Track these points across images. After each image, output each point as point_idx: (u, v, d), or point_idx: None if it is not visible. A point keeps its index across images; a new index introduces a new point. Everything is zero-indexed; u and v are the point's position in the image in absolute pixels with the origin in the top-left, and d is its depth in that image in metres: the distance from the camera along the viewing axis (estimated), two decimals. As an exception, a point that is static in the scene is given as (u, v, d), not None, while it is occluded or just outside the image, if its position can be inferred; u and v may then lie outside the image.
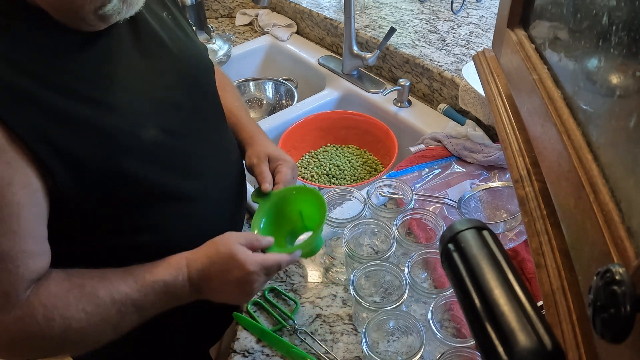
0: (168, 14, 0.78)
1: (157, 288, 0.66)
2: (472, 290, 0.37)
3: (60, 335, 0.60)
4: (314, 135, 1.27)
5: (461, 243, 0.40)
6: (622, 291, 0.26)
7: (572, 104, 0.43)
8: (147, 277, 0.66)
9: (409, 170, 1.07)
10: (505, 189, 0.94)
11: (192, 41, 0.80)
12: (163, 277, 0.66)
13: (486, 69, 0.69)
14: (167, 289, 0.67)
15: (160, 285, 0.66)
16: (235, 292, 0.70)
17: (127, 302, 0.64)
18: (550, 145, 0.44)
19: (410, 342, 0.74)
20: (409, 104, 1.27)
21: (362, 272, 0.77)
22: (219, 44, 1.52)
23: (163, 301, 0.67)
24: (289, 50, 1.58)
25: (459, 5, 1.47)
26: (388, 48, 1.32)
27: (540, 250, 0.43)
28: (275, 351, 0.78)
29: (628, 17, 0.34)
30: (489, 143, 1.09)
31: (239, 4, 1.80)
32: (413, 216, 0.88)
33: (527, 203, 0.48)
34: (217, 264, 0.68)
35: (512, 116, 0.58)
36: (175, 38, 0.76)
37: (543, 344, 0.32)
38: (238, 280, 0.68)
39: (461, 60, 1.24)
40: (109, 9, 0.59)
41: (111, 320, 0.63)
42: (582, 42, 0.43)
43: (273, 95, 1.53)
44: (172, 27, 0.77)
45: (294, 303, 0.84)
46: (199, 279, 0.68)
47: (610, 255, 0.30)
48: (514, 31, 0.61)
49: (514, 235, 0.90)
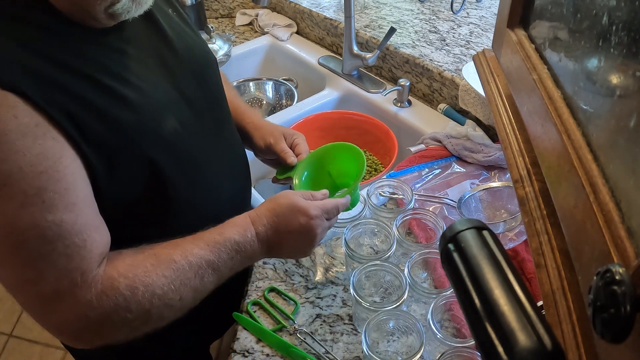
0: (173, 11, 0.80)
1: (229, 246, 0.67)
2: (472, 290, 0.37)
3: (146, 303, 0.60)
4: (314, 135, 1.27)
5: (461, 243, 0.40)
6: (622, 291, 0.26)
7: (572, 104, 0.43)
8: (217, 238, 0.67)
9: (409, 170, 1.07)
10: (505, 189, 0.94)
11: (199, 38, 0.82)
12: (232, 235, 0.68)
13: (486, 69, 0.69)
14: (239, 247, 0.68)
15: (232, 243, 0.67)
16: (301, 241, 0.72)
17: (202, 263, 0.64)
18: (550, 145, 0.44)
19: (410, 342, 0.74)
20: (409, 104, 1.27)
21: (362, 272, 0.77)
22: (219, 44, 1.52)
23: (236, 260, 0.68)
24: (289, 50, 1.58)
25: (459, 5, 1.47)
26: (388, 48, 1.32)
27: (540, 250, 0.43)
28: (275, 351, 0.78)
29: (628, 17, 0.34)
30: (489, 143, 1.09)
31: (239, 4, 1.80)
32: (413, 216, 0.88)
33: (527, 203, 0.48)
34: (281, 215, 0.71)
35: (512, 116, 0.58)
36: (183, 35, 0.77)
37: (543, 344, 0.32)
38: (303, 227, 0.70)
39: (461, 60, 1.24)
40: (118, 7, 0.61)
41: (191, 283, 0.64)
42: (582, 42, 0.43)
43: (273, 95, 1.53)
44: (180, 24, 0.79)
45: (294, 303, 0.84)
46: (267, 234, 0.70)
47: (610, 255, 0.30)
48: (514, 31, 0.61)
49: (514, 235, 0.90)
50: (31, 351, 1.88)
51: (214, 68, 0.83)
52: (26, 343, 1.91)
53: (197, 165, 0.75)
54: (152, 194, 0.69)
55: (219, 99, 0.84)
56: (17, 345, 1.91)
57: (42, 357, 1.87)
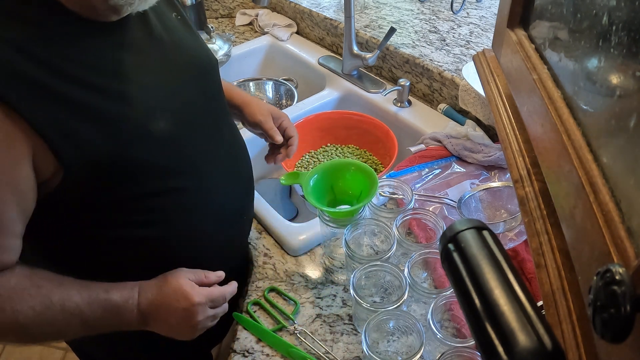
0: (177, 15, 0.80)
1: (107, 307, 0.68)
2: (472, 290, 0.37)
3: (6, 324, 0.62)
4: (314, 135, 1.27)
5: (461, 243, 0.39)
6: (622, 291, 0.26)
7: (572, 104, 0.43)
8: (100, 294, 0.68)
9: (409, 170, 1.07)
10: (505, 189, 0.94)
11: (201, 41, 0.82)
12: (115, 297, 0.69)
13: (486, 69, 0.69)
14: (118, 310, 0.69)
15: (112, 305, 0.68)
16: (181, 324, 0.72)
17: (75, 312, 0.65)
18: (550, 145, 0.44)
19: (410, 342, 0.74)
20: (409, 104, 1.27)
21: (362, 272, 0.77)
22: (219, 44, 1.52)
23: (109, 320, 0.69)
24: (289, 50, 1.58)
25: (459, 5, 1.47)
26: (388, 48, 1.32)
27: (540, 250, 0.43)
28: (275, 351, 0.78)
29: (628, 17, 0.34)
30: (489, 143, 1.09)
31: (239, 4, 1.80)
32: (413, 216, 0.88)
33: (527, 203, 0.48)
34: (164, 294, 0.71)
35: (512, 116, 0.58)
36: (186, 37, 0.78)
37: (543, 344, 0.32)
38: (183, 311, 0.71)
39: (461, 60, 1.24)
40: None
41: (56, 325, 0.65)
42: (582, 42, 0.43)
43: (273, 95, 1.53)
44: (182, 27, 0.79)
45: (294, 303, 0.84)
46: (148, 307, 0.70)
47: (610, 255, 0.30)
48: (514, 31, 0.61)
49: (514, 235, 0.90)
50: (31, 351, 1.88)
51: (215, 72, 0.83)
52: (26, 343, 1.91)
53: (193, 166, 0.75)
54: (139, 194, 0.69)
55: (219, 103, 0.84)
56: (17, 345, 1.91)
57: (42, 357, 1.86)
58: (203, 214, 0.77)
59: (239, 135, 0.89)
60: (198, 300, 0.71)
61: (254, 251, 0.95)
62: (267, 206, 1.02)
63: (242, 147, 0.89)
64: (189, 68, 0.76)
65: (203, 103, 0.77)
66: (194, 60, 0.77)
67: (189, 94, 0.75)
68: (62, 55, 0.60)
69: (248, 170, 0.90)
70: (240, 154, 0.88)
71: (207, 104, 0.78)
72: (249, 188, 0.91)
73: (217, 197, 0.79)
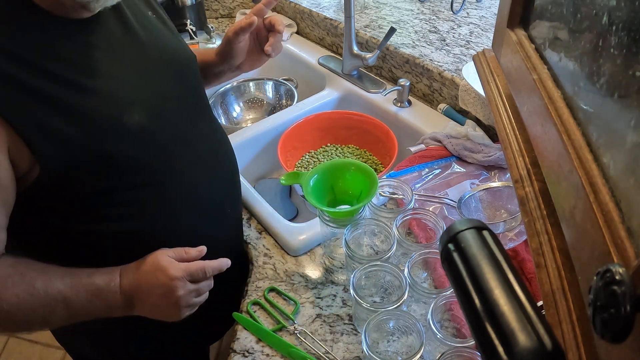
0: (153, 13, 0.80)
1: (90, 290, 0.68)
2: (472, 290, 0.37)
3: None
4: (314, 135, 1.27)
5: (461, 243, 0.39)
6: (622, 291, 0.26)
7: (572, 104, 0.43)
8: (83, 278, 0.68)
9: (409, 170, 1.07)
10: (505, 189, 0.94)
11: (179, 37, 0.84)
12: (97, 281, 0.69)
13: (486, 69, 0.69)
14: (100, 293, 0.69)
15: (93, 289, 0.68)
16: (163, 301, 0.71)
17: (58, 297, 0.66)
18: (550, 145, 0.44)
19: (410, 342, 0.74)
20: (409, 104, 1.27)
21: (362, 272, 0.77)
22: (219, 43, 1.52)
23: (93, 304, 0.69)
24: (289, 50, 1.58)
25: (459, 5, 1.47)
26: (388, 48, 1.32)
27: (540, 250, 0.43)
28: (275, 351, 0.78)
29: (628, 17, 0.34)
30: (489, 143, 1.09)
31: (239, 4, 1.80)
32: (413, 216, 0.88)
33: (527, 203, 0.48)
34: (142, 272, 0.71)
35: (512, 116, 0.58)
36: (163, 34, 0.79)
37: (543, 344, 0.32)
38: (162, 286, 0.70)
39: (461, 60, 1.24)
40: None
41: (39, 311, 0.65)
42: (582, 42, 0.43)
43: (273, 95, 1.53)
44: (158, 25, 0.80)
45: (294, 303, 0.84)
46: (129, 288, 0.70)
47: (610, 255, 0.30)
48: (514, 31, 0.61)
49: (514, 235, 0.90)
50: (31, 351, 1.88)
51: (193, 67, 0.84)
52: (26, 343, 1.91)
53: (170, 160, 0.75)
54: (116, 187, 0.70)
55: (198, 97, 0.85)
56: (17, 345, 1.91)
57: (42, 357, 1.87)
58: (181, 208, 0.78)
59: (220, 130, 0.89)
60: (175, 274, 0.70)
61: (254, 251, 0.95)
62: (267, 206, 1.02)
63: (223, 141, 0.89)
64: (166, 63, 0.76)
65: (180, 97, 0.78)
66: (170, 57, 0.78)
67: (165, 88, 0.75)
68: (34, 51, 0.61)
69: (230, 164, 0.90)
70: (222, 148, 0.88)
71: (184, 99, 0.79)
72: (232, 182, 0.91)
73: (196, 190, 0.79)
